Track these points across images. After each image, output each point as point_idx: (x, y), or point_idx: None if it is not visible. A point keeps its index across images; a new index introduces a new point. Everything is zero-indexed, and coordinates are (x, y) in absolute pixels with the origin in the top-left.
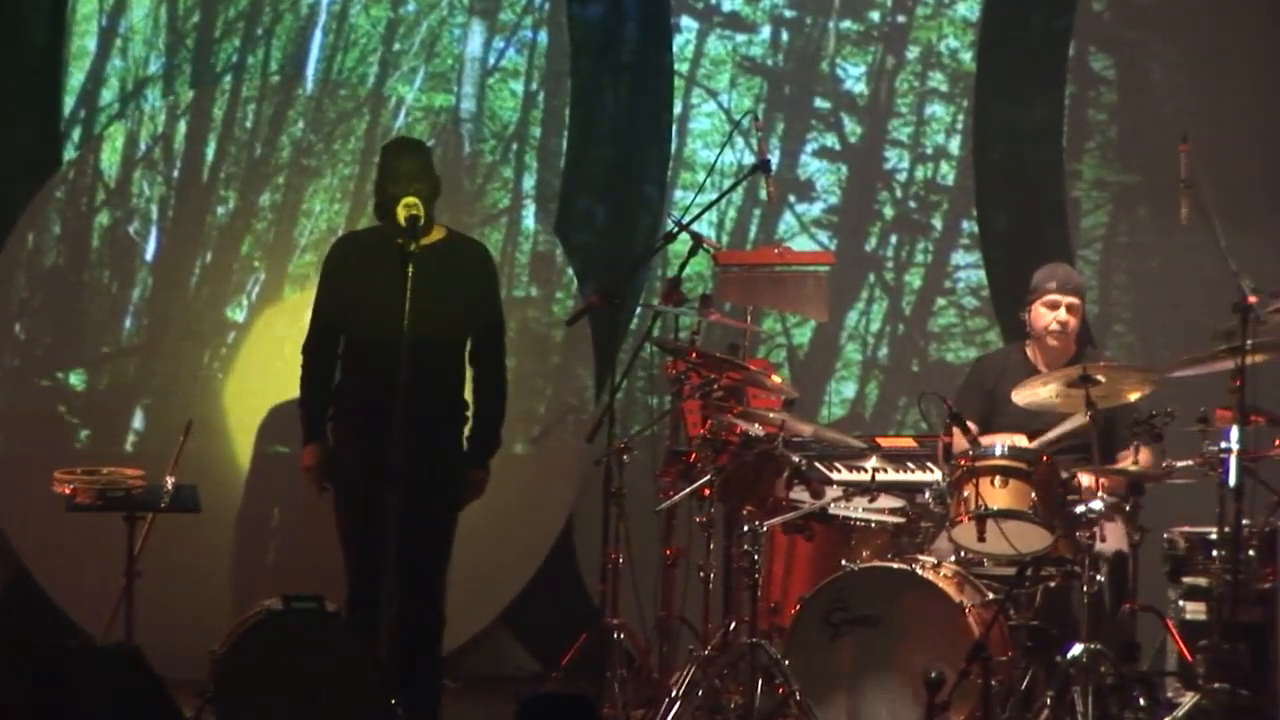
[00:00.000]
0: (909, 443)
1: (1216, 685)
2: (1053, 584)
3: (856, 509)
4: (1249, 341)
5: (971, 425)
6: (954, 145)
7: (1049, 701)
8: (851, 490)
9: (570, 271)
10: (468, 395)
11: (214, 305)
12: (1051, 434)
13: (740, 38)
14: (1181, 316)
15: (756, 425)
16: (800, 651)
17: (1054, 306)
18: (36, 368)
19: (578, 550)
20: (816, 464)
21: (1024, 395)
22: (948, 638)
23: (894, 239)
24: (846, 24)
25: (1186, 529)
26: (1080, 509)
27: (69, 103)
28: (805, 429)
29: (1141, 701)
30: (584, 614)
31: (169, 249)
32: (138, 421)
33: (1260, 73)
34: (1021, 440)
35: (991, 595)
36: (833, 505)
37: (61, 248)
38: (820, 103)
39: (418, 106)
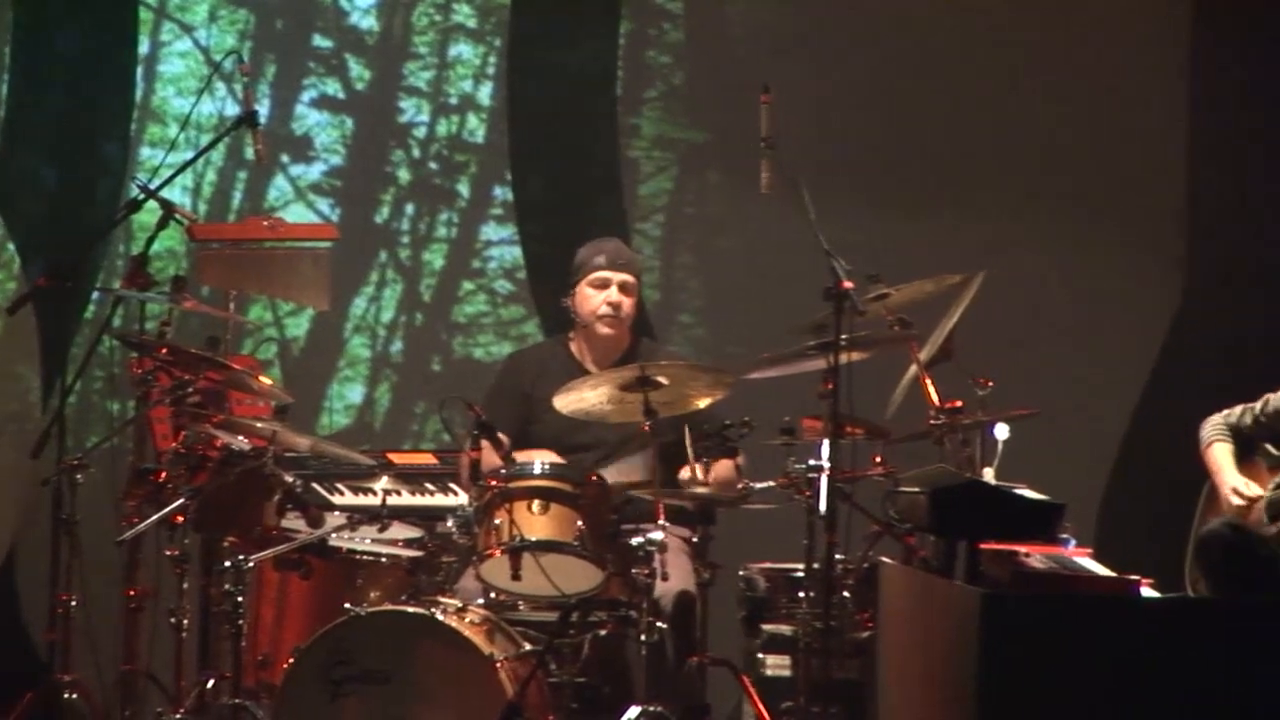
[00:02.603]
0: (428, 459)
1: None
2: (603, 632)
3: (363, 540)
4: (843, 336)
5: (504, 437)
6: (484, 94)
7: None
8: (358, 517)
9: (11, 247)
10: None
11: None
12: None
13: None
14: (762, 305)
15: (241, 437)
16: (295, 714)
17: (603, 285)
18: None
19: (20, 591)
20: (314, 485)
21: (568, 401)
22: (475, 697)
23: (410, 208)
24: None
25: (767, 565)
26: (637, 540)
27: None
28: (301, 442)
29: None
30: (28, 669)
31: None
32: None
33: (854, 4)
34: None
35: (529, 646)
36: (334, 535)
37: None
38: (320, 41)
39: None
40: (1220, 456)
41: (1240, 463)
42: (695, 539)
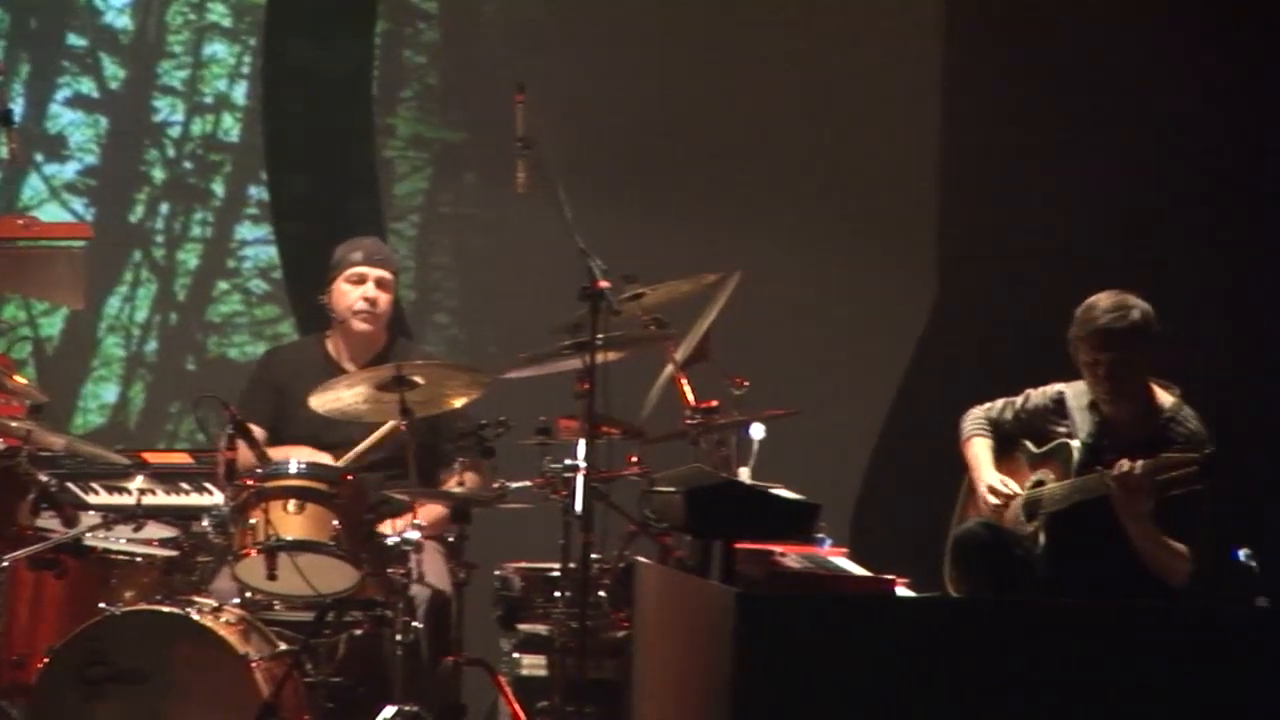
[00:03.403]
0: (183, 458)
1: None
2: (359, 632)
3: (118, 539)
4: (599, 336)
5: (260, 435)
6: (239, 93)
7: None
8: (113, 517)
9: None
10: None
11: None
12: (360, 447)
13: None
14: (518, 305)
15: None
16: (50, 714)
17: (359, 281)
18: None
19: None
20: (69, 484)
21: (324, 400)
22: (231, 697)
23: (165, 208)
24: None
25: (523, 565)
26: (393, 540)
27: None
28: (55, 441)
29: None
30: None
31: None
32: None
33: (610, 3)
34: (324, 458)
35: (284, 646)
36: (89, 535)
37: None
38: (74, 40)
39: None
40: (979, 451)
41: (1000, 458)
42: (451, 539)
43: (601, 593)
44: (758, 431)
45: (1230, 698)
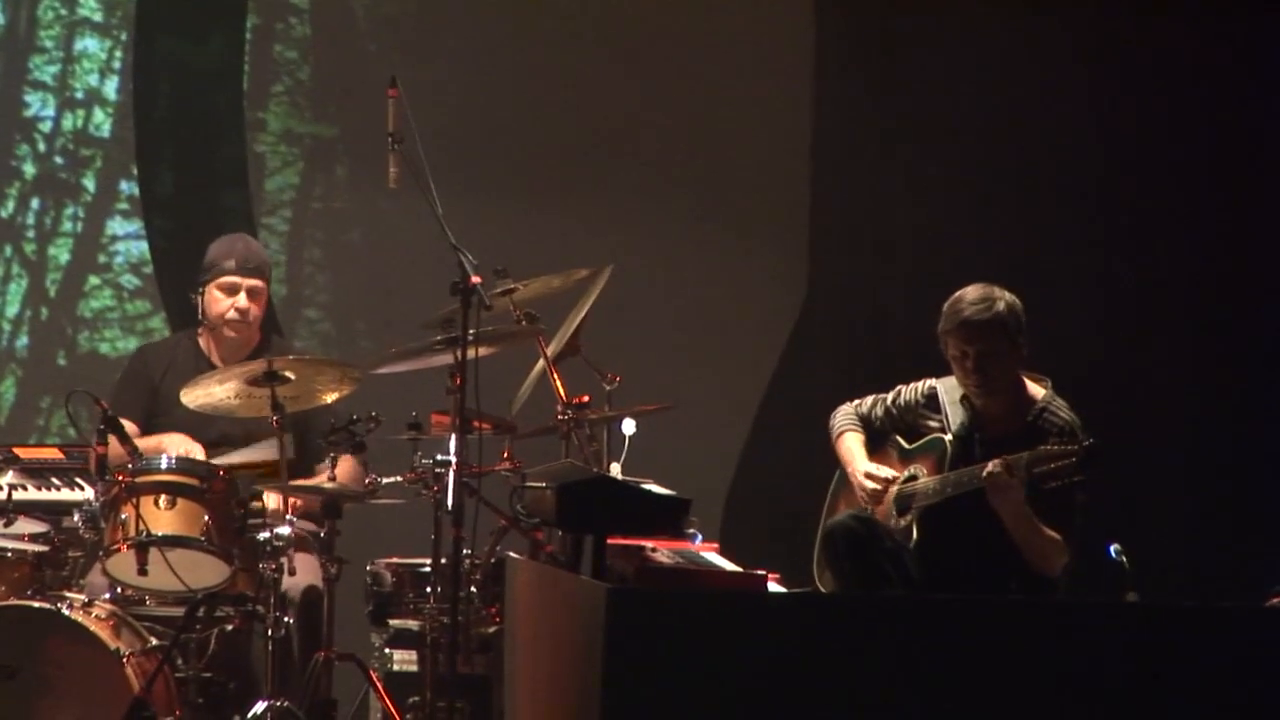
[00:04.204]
0: (54, 453)
1: None
2: (230, 627)
3: None
4: (471, 331)
5: (134, 427)
6: (110, 88)
7: None
8: None
9: None
10: None
11: None
12: (235, 458)
13: None
14: (390, 300)
15: None
16: None
17: (232, 291)
18: None
19: None
20: None
21: (196, 395)
22: (103, 692)
23: (36, 203)
24: None
25: (394, 560)
26: (264, 535)
27: None
28: None
29: None
30: None
31: None
32: None
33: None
34: (196, 447)
35: (155, 641)
36: None
37: None
38: None
39: None
40: (851, 444)
41: (871, 453)
42: (322, 534)
43: (473, 588)
44: (629, 426)
45: (1101, 693)
